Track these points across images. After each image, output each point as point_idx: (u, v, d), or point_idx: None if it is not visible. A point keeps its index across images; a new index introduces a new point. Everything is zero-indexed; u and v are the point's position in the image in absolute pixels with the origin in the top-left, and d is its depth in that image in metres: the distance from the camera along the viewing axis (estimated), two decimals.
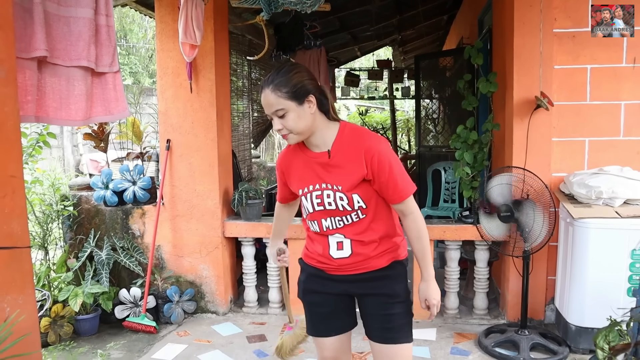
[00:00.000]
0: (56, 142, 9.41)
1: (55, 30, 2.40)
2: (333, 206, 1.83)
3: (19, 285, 1.96)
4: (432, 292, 1.90)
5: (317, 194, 1.85)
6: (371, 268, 1.90)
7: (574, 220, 3.12)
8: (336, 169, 1.82)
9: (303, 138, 1.82)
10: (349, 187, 1.80)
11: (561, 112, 3.54)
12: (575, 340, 3.18)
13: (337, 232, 1.87)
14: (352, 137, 1.82)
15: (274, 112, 1.76)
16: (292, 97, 1.74)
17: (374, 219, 1.86)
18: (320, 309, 2.02)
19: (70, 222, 4.12)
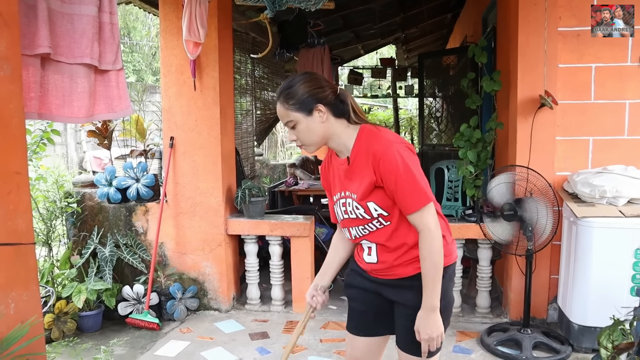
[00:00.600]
0: (60, 139, 9.42)
1: (58, 28, 2.40)
2: (353, 215, 1.80)
3: (23, 281, 1.97)
4: (427, 324, 1.71)
5: (342, 202, 1.82)
6: (396, 276, 1.82)
7: (578, 219, 3.12)
8: (354, 176, 1.77)
9: (319, 147, 1.80)
10: (362, 196, 1.75)
11: (565, 111, 3.53)
12: (578, 339, 3.18)
13: (364, 239, 1.83)
14: (367, 142, 1.74)
15: (286, 124, 1.76)
16: (300, 109, 1.72)
17: (399, 226, 1.77)
18: (355, 304, 1.98)
19: (73, 219, 4.13)
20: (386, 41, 9.05)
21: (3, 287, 1.88)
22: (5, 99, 1.89)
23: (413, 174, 1.67)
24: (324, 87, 1.76)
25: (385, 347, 2.04)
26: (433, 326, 1.71)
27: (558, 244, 3.49)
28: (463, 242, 3.80)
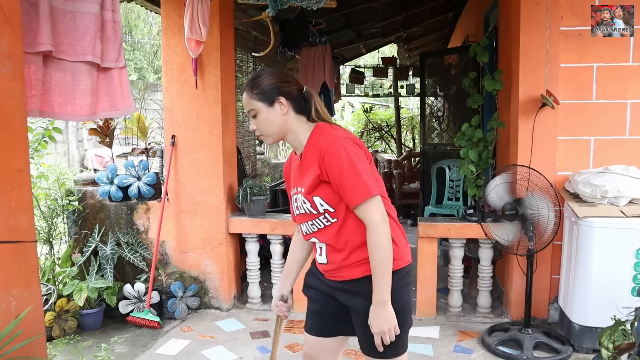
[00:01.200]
0: (61, 137, 9.42)
1: (61, 25, 2.40)
2: (302, 210, 1.84)
3: (24, 279, 1.98)
4: (378, 318, 1.71)
5: (295, 197, 1.87)
6: (344, 277, 1.82)
7: (579, 219, 3.11)
8: (304, 172, 1.81)
9: (276, 139, 1.85)
10: (308, 190, 1.78)
11: (567, 110, 3.53)
12: (578, 339, 3.18)
13: (313, 236, 1.86)
14: (317, 138, 1.78)
15: (248, 112, 1.83)
16: (262, 99, 1.78)
17: (345, 224, 1.78)
18: (312, 305, 2.02)
19: (75, 216, 4.13)
20: (388, 40, 9.04)
21: (4, 284, 1.88)
22: (7, 97, 1.89)
23: (357, 168, 1.69)
24: (290, 83, 1.83)
25: (342, 349, 2.06)
26: (383, 320, 1.71)
27: (559, 244, 3.49)
28: (464, 241, 3.80)
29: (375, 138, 13.66)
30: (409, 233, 6.71)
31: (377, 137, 13.64)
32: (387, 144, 13.51)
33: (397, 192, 8.04)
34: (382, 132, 13.46)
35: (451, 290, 3.86)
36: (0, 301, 1.86)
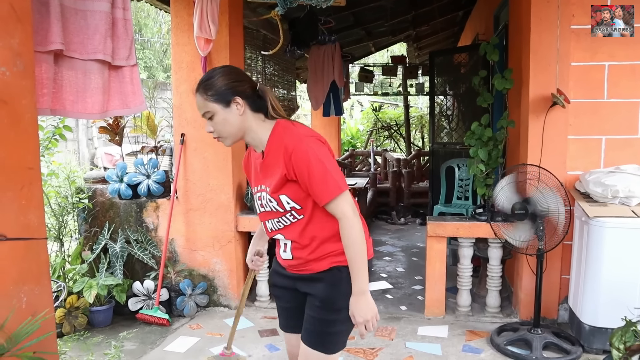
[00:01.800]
0: (71, 135, 9.50)
1: (72, 24, 2.41)
2: (268, 208, 1.83)
3: (35, 276, 1.99)
4: (360, 308, 1.74)
5: (258, 195, 1.87)
6: (311, 271, 1.85)
7: (590, 219, 3.09)
8: (268, 170, 1.81)
9: (235, 140, 1.83)
10: (274, 189, 1.78)
11: (578, 109, 3.50)
12: (588, 340, 3.15)
13: (279, 233, 1.87)
14: (280, 136, 1.77)
15: (203, 115, 1.79)
16: (218, 100, 1.75)
17: (310, 220, 1.80)
18: (281, 303, 2.06)
19: (85, 214, 4.16)
20: (397, 39, 9.01)
21: (15, 281, 1.90)
22: (18, 95, 1.90)
23: (324, 165, 1.70)
24: (243, 81, 1.80)
25: None
26: (366, 309, 1.74)
27: (569, 243, 3.46)
28: (473, 240, 3.78)
29: (384, 137, 13.63)
30: (417, 232, 6.76)
31: (386, 136, 13.62)
32: (396, 143, 13.48)
33: (406, 191, 8.02)
34: (391, 131, 13.43)
35: (460, 289, 3.85)
36: (12, 297, 1.88)
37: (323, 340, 1.83)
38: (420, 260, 5.27)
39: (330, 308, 1.82)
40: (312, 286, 1.87)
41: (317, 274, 1.84)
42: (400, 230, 7.04)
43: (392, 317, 3.85)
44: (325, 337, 1.83)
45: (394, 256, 5.66)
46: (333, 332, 1.84)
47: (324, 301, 1.82)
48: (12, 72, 1.87)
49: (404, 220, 7.46)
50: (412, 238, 6.54)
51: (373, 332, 1.79)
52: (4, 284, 1.85)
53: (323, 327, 1.83)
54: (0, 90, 1.83)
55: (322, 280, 1.84)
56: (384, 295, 4.39)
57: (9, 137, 1.87)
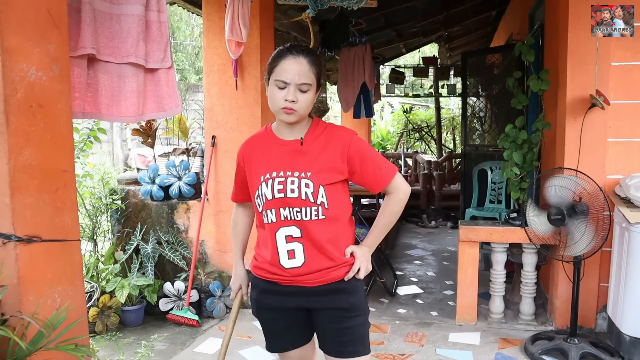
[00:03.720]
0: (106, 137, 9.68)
1: (107, 29, 2.45)
2: (295, 193, 1.71)
3: (69, 276, 2.02)
4: (366, 256, 1.83)
5: (280, 180, 1.74)
6: (328, 280, 1.77)
7: (631, 225, 2.97)
8: (307, 157, 1.75)
9: (300, 121, 1.77)
10: (318, 178, 1.72)
11: (618, 111, 3.38)
12: (629, 351, 3.03)
13: (294, 224, 1.74)
14: (328, 131, 1.79)
15: (300, 84, 1.68)
16: (317, 80, 1.75)
17: (332, 223, 1.76)
18: (276, 325, 1.90)
19: (118, 215, 4.23)
20: (428, 39, 8.91)
21: (49, 282, 1.93)
22: (54, 99, 1.94)
23: (378, 153, 1.87)
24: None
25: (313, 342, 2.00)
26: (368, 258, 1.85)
27: (608, 250, 3.34)
28: (507, 246, 3.69)
29: (415, 139, 13.50)
30: (448, 236, 6.67)
31: (417, 138, 13.49)
32: (427, 145, 13.34)
33: (437, 193, 7.91)
34: (422, 133, 13.30)
35: (493, 295, 3.76)
36: (46, 298, 1.91)
37: (364, 343, 1.83)
38: (452, 265, 5.18)
39: (361, 312, 1.82)
40: (330, 299, 1.79)
41: (335, 284, 1.78)
42: (430, 233, 6.95)
43: (422, 322, 3.79)
44: (365, 340, 1.83)
45: (425, 260, 5.58)
46: (367, 331, 1.85)
47: (353, 310, 1.79)
48: (48, 77, 1.91)
49: (435, 224, 7.36)
50: (443, 242, 6.44)
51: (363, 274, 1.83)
52: (39, 285, 1.89)
53: (361, 331, 1.82)
54: (37, 95, 1.86)
55: (342, 292, 1.79)
56: (414, 300, 4.33)
57: (45, 140, 1.91)
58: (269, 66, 1.74)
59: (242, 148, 1.91)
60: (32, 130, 1.84)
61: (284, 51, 1.72)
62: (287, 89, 1.68)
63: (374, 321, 3.82)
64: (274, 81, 1.71)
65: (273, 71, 1.72)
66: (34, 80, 1.84)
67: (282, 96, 1.69)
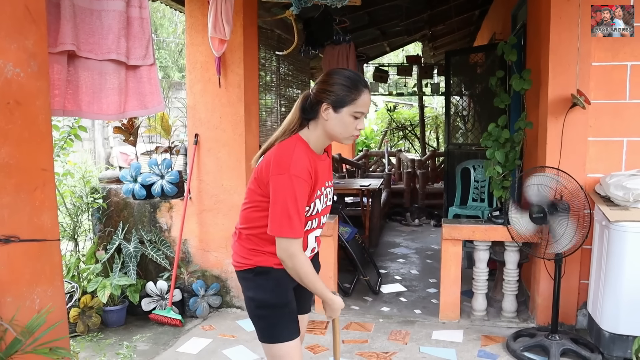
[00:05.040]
0: (87, 134, 9.58)
1: (88, 25, 2.41)
2: (330, 201, 2.03)
3: (48, 277, 1.99)
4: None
5: (327, 191, 1.98)
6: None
7: (610, 223, 3.01)
8: (329, 169, 2.03)
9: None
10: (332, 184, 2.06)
11: (598, 110, 3.42)
12: (608, 347, 3.08)
13: (322, 227, 2.05)
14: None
15: (363, 113, 1.87)
16: None
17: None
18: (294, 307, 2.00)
19: (99, 214, 4.17)
20: (412, 38, 8.95)
21: (28, 282, 1.89)
22: (32, 96, 1.90)
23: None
24: None
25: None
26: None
27: (589, 248, 3.39)
28: (489, 244, 3.72)
29: (399, 137, 13.55)
30: (432, 234, 6.70)
31: (400, 137, 13.54)
32: (410, 143, 13.40)
33: (420, 192, 7.95)
34: (406, 132, 13.35)
35: (475, 293, 3.79)
36: (25, 299, 1.88)
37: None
38: (435, 263, 5.21)
39: None
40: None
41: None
42: (414, 231, 6.98)
43: (406, 320, 3.81)
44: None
45: (408, 258, 5.61)
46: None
47: None
48: (26, 73, 1.87)
49: (418, 222, 7.40)
50: (426, 240, 6.47)
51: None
52: (18, 286, 1.85)
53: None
54: (15, 92, 1.82)
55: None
56: (398, 298, 4.34)
57: (23, 138, 1.87)
58: (346, 96, 1.82)
59: (308, 166, 1.83)
60: (9, 128, 1.80)
61: (362, 84, 1.86)
62: (361, 119, 1.87)
63: (358, 319, 3.82)
64: (352, 112, 1.83)
65: (354, 102, 1.83)
66: (11, 77, 1.80)
67: (355, 125, 1.86)
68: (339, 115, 1.83)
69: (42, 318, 1.80)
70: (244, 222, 1.98)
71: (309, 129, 1.90)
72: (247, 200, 1.97)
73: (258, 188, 1.89)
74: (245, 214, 1.97)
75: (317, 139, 1.90)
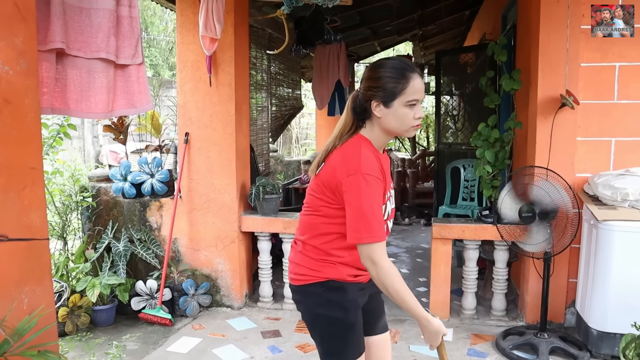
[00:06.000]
0: (77, 133, 9.51)
1: (76, 23, 2.39)
2: (394, 204, 1.87)
3: (37, 276, 1.97)
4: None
5: (391, 193, 1.84)
6: None
7: (598, 222, 3.05)
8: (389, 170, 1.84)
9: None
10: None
11: (587, 111, 3.45)
12: (596, 345, 3.11)
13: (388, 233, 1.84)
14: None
15: (418, 100, 1.72)
16: None
17: None
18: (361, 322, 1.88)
19: (89, 213, 4.14)
20: (403, 38, 8.95)
21: (17, 282, 1.88)
22: (21, 94, 1.88)
23: None
24: None
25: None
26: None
27: (577, 247, 3.42)
28: (479, 243, 3.74)
29: None
30: (422, 233, 6.72)
31: None
32: (400, 143, 13.43)
33: (410, 191, 7.97)
34: None
35: (465, 292, 3.81)
36: (13, 299, 1.86)
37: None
38: (425, 262, 5.23)
39: None
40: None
41: None
42: (404, 230, 7.00)
43: (396, 319, 3.82)
44: None
45: (398, 257, 5.63)
46: None
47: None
48: (15, 71, 1.85)
49: (408, 221, 7.42)
50: (416, 239, 6.50)
51: None
52: (6, 285, 1.84)
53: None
54: (4, 90, 1.81)
55: None
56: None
57: (12, 137, 1.85)
58: (394, 88, 1.68)
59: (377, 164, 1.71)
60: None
61: (410, 70, 1.70)
62: (417, 107, 1.71)
63: None
64: (405, 102, 1.69)
65: (404, 92, 1.68)
66: (0, 75, 1.78)
67: (412, 115, 1.70)
68: (392, 110, 1.69)
69: (34, 321, 1.79)
70: (306, 230, 1.83)
71: (366, 128, 1.77)
72: (307, 205, 1.84)
73: (323, 194, 1.75)
74: (306, 220, 1.83)
75: (377, 137, 1.77)
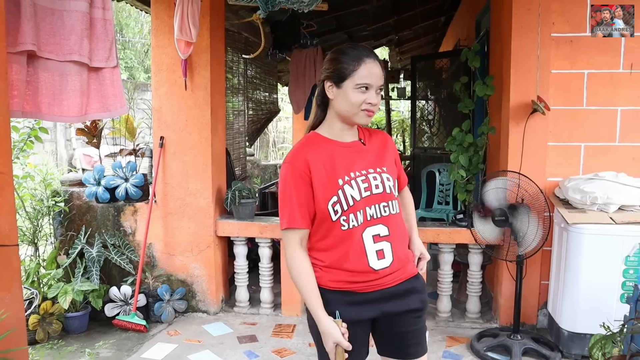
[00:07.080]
0: (49, 136, 9.33)
1: (48, 24, 2.35)
2: (380, 189, 1.70)
3: (6, 283, 1.93)
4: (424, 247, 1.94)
5: (362, 178, 1.69)
6: (407, 275, 1.74)
7: (569, 225, 3.11)
8: (373, 155, 1.77)
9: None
10: (392, 172, 1.78)
11: (557, 116, 3.53)
12: (567, 345, 3.17)
13: (380, 221, 1.68)
14: (372, 132, 1.85)
15: (378, 87, 1.69)
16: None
17: (401, 216, 1.81)
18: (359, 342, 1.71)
19: (61, 218, 4.07)
20: (379, 43, 9.03)
21: None
22: None
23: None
24: None
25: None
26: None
27: (549, 249, 3.49)
28: (454, 246, 3.79)
29: None
30: None
31: None
32: None
33: None
34: None
35: (440, 295, 3.85)
36: None
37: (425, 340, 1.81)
38: None
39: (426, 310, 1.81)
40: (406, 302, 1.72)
41: (410, 281, 1.74)
42: None
43: None
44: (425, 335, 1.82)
45: None
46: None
47: (424, 309, 1.78)
48: None
49: None
50: None
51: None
52: None
53: (424, 328, 1.80)
54: None
55: (415, 291, 1.75)
56: None
57: None
58: (343, 69, 1.67)
59: (304, 157, 1.69)
60: None
61: (365, 55, 1.68)
62: (370, 93, 1.67)
63: None
64: (354, 85, 1.66)
65: (352, 75, 1.66)
66: None
67: (363, 99, 1.67)
68: (342, 91, 1.67)
69: None
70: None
71: (325, 119, 1.78)
72: None
73: None
74: None
75: (331, 123, 1.76)
